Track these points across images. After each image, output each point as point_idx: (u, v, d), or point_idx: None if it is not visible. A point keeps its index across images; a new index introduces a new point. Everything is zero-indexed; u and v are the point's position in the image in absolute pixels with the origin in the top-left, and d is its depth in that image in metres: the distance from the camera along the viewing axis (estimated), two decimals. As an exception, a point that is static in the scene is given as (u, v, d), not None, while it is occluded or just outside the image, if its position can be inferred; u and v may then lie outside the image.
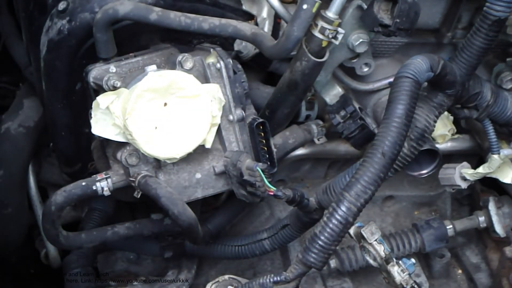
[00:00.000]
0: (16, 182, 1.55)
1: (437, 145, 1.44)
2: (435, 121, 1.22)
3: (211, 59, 1.26)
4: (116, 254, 1.63)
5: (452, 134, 1.52)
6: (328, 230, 1.07)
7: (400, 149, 1.09)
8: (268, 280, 1.13)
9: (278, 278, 1.12)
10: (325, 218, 1.08)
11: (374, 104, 1.50)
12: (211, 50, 1.27)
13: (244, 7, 1.38)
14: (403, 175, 1.57)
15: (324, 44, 1.22)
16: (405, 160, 1.20)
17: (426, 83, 1.20)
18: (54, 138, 1.42)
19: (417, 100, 1.13)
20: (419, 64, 1.13)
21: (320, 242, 1.07)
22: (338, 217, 1.06)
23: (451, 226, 1.56)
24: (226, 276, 1.25)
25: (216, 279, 1.24)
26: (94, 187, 1.23)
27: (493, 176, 1.40)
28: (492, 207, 1.56)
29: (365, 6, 1.26)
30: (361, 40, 1.31)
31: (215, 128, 1.24)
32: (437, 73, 1.16)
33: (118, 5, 1.20)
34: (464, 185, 1.41)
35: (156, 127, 1.18)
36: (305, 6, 1.17)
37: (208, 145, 1.24)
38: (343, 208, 1.06)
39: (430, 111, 1.21)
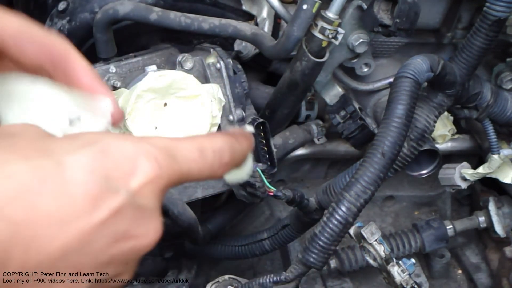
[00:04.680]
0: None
1: (437, 145, 1.44)
2: (435, 121, 1.22)
3: (211, 59, 1.26)
4: (116, 254, 1.63)
5: (452, 134, 1.52)
6: (328, 230, 1.07)
7: (400, 149, 1.09)
8: (268, 280, 1.13)
9: (278, 278, 1.12)
10: (325, 218, 1.08)
11: (374, 104, 1.49)
12: (211, 50, 1.27)
13: (244, 7, 1.38)
14: (403, 175, 1.57)
15: (324, 44, 1.22)
16: (405, 160, 1.20)
17: (426, 83, 1.20)
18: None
19: (417, 100, 1.13)
20: (419, 64, 1.13)
21: (320, 242, 1.07)
22: (338, 217, 1.06)
23: (451, 226, 1.56)
24: (226, 276, 1.25)
25: (216, 279, 1.24)
26: (94, 187, 1.23)
27: (493, 176, 1.40)
28: (492, 207, 1.55)
29: (365, 6, 1.26)
30: (361, 40, 1.31)
31: (215, 128, 1.24)
32: (437, 73, 1.15)
33: (118, 5, 1.20)
34: (464, 185, 1.41)
35: (156, 127, 1.18)
36: (305, 6, 1.17)
37: (208, 145, 1.24)
38: (343, 208, 1.06)
39: (430, 111, 1.21)
